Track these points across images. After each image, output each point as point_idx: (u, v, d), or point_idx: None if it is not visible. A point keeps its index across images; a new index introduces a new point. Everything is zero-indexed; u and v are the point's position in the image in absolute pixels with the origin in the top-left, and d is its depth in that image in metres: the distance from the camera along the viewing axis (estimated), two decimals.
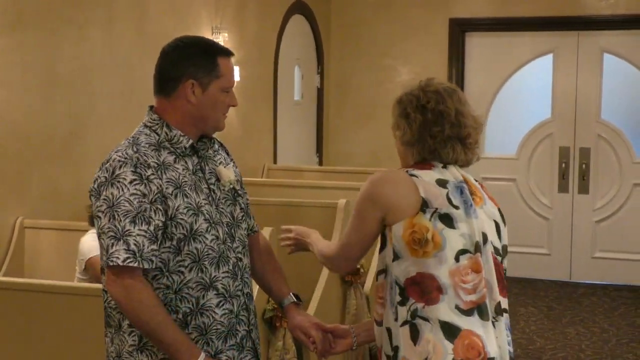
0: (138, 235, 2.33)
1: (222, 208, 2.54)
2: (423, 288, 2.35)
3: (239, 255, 2.57)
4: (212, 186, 2.54)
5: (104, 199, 2.36)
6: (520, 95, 7.94)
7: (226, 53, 2.56)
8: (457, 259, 2.36)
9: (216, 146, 2.65)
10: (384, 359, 2.44)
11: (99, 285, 3.63)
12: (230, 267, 2.52)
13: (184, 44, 2.56)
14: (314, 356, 4.28)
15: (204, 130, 2.55)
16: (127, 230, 2.32)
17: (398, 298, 2.37)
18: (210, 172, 2.56)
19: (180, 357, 2.36)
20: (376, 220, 2.45)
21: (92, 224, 4.03)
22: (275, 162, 7.25)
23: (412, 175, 2.43)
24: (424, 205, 2.38)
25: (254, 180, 6.29)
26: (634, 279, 7.67)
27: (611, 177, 7.78)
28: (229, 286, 2.51)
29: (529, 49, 7.92)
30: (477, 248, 2.41)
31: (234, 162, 2.70)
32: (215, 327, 2.47)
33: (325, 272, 4.59)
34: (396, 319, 2.37)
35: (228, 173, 2.60)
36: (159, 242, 2.38)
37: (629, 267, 7.72)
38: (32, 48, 4.47)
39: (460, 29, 8.02)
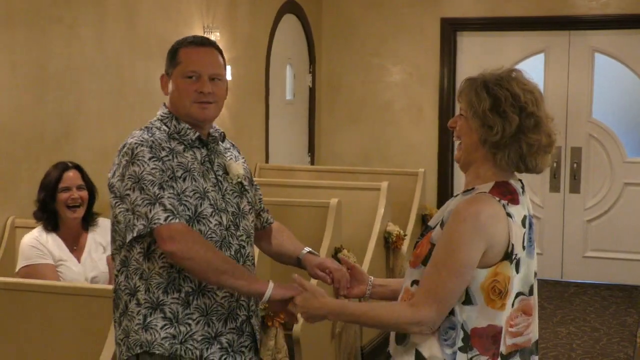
0: (169, 197, 2.46)
1: (228, 198, 2.64)
2: (491, 342, 2.21)
3: (242, 243, 2.66)
4: (219, 177, 2.65)
5: (129, 177, 2.49)
6: None
7: (189, 42, 2.67)
8: (512, 304, 2.25)
9: (228, 144, 2.77)
10: None
11: (91, 285, 3.65)
12: (232, 253, 2.61)
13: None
14: (307, 356, 4.29)
15: (184, 120, 2.64)
16: (159, 195, 2.45)
17: (460, 343, 2.20)
18: (218, 165, 2.67)
19: (253, 279, 2.51)
20: (479, 256, 2.16)
21: (35, 219, 3.97)
22: (267, 161, 7.24)
23: (508, 215, 2.19)
24: (511, 253, 2.19)
25: None
26: (625, 278, 7.69)
27: (602, 176, 7.80)
28: None
29: (520, 48, 7.93)
30: (531, 290, 2.29)
31: (244, 161, 2.80)
32: (216, 309, 2.57)
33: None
34: None
35: (237, 167, 2.70)
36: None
37: (620, 267, 7.73)
38: (21, 47, 4.45)
39: (451, 28, 8.03)
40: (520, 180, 2.32)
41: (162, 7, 5.71)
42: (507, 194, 2.22)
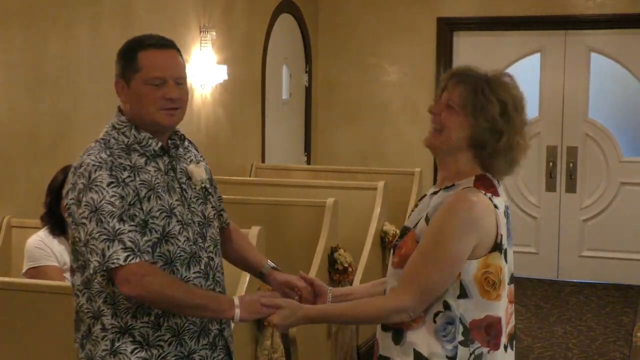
0: (130, 231, 2.32)
1: (193, 207, 2.52)
2: (490, 332, 2.23)
3: (211, 255, 2.55)
4: (183, 185, 2.52)
5: (86, 205, 2.33)
6: None
7: (149, 45, 2.48)
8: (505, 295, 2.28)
9: (186, 143, 2.62)
10: None
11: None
12: (202, 267, 2.50)
13: (121, 47, 2.54)
14: (303, 355, 4.29)
15: (148, 129, 2.48)
16: (118, 229, 2.30)
17: (460, 337, 2.21)
18: (181, 171, 2.53)
19: (220, 308, 2.40)
20: (469, 250, 2.18)
21: (42, 222, 3.93)
22: (263, 161, 7.24)
23: (495, 206, 2.21)
24: (500, 243, 2.22)
25: (242, 179, 6.28)
26: (621, 278, 7.70)
27: (598, 176, 7.80)
28: (201, 286, 2.49)
29: (517, 48, 7.93)
30: (512, 278, 2.33)
31: (204, 160, 2.66)
32: (187, 327, 2.46)
33: (313, 271, 4.57)
34: (451, 357, 2.21)
35: (199, 171, 2.57)
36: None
37: (616, 266, 7.74)
38: (17, 46, 4.44)
39: (448, 28, 8.03)
40: None
41: (158, 6, 5.71)
42: (489, 186, 2.25)
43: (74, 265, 2.48)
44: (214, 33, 6.24)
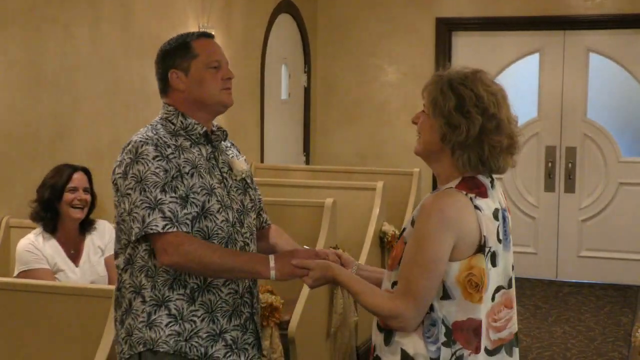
0: (170, 202, 2.46)
1: (232, 195, 2.66)
2: (472, 335, 2.22)
3: (247, 240, 2.67)
4: (224, 174, 2.67)
5: (132, 177, 2.49)
6: None
7: (199, 35, 2.70)
8: (493, 298, 2.25)
9: (228, 143, 2.79)
10: None
11: (86, 285, 3.65)
12: (238, 250, 2.62)
13: (162, 47, 2.72)
14: (302, 355, 4.29)
15: (210, 110, 2.68)
16: (159, 199, 2.45)
17: (443, 338, 2.22)
18: (223, 162, 2.69)
19: (258, 269, 2.49)
20: (448, 250, 2.17)
21: (34, 220, 3.97)
22: (262, 161, 7.24)
23: (476, 207, 2.20)
24: (484, 245, 2.20)
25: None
26: (620, 278, 7.70)
27: (597, 176, 7.81)
28: None
29: (515, 48, 7.94)
30: (510, 282, 2.31)
31: (245, 159, 2.82)
32: (220, 305, 2.58)
33: None
34: (435, 358, 2.22)
35: (241, 164, 2.73)
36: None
37: (614, 266, 7.74)
38: (16, 47, 4.44)
39: (446, 28, 8.03)
40: (490, 175, 2.32)
41: (157, 7, 5.71)
42: (473, 187, 2.24)
43: (116, 247, 2.63)
44: (213, 33, 6.23)
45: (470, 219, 2.19)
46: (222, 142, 2.75)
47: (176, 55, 2.65)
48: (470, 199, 2.21)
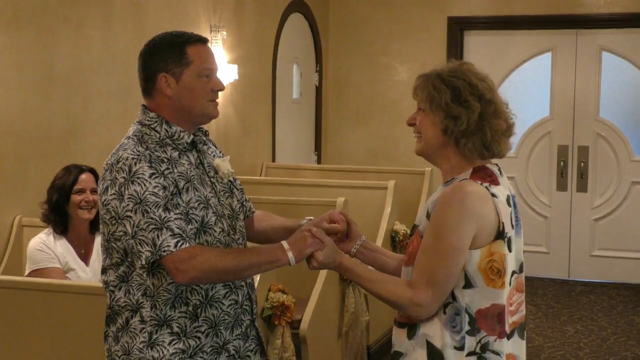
0: (176, 219, 2.37)
1: (222, 201, 2.58)
2: (496, 321, 2.25)
3: (240, 247, 2.61)
4: (212, 179, 2.58)
5: (129, 198, 2.37)
6: (518, 93, 7.91)
7: (195, 40, 2.57)
8: (510, 283, 2.29)
9: (204, 138, 2.67)
10: None
11: (97, 284, 3.65)
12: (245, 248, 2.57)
13: (153, 42, 2.61)
14: (313, 355, 4.29)
15: (195, 121, 2.57)
16: (164, 218, 2.35)
17: (467, 327, 2.24)
18: (208, 166, 2.60)
19: (277, 256, 2.42)
20: (469, 239, 2.21)
21: (44, 221, 3.97)
22: (273, 160, 7.25)
23: (493, 195, 2.24)
24: (503, 231, 2.24)
25: (253, 179, 6.28)
26: (632, 277, 7.67)
27: (609, 175, 7.78)
28: None
29: (528, 47, 7.92)
30: (521, 267, 2.35)
31: (222, 154, 2.72)
32: (223, 318, 2.52)
33: (324, 270, 4.57)
34: (459, 348, 2.24)
35: (226, 165, 2.64)
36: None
37: (627, 265, 7.72)
38: (28, 46, 4.46)
39: (458, 27, 8.02)
40: (497, 164, 2.38)
41: (169, 6, 5.72)
42: (486, 177, 2.28)
43: (105, 263, 2.51)
44: (225, 32, 6.25)
45: (489, 207, 2.23)
46: (204, 143, 2.65)
47: (169, 58, 2.52)
48: (486, 187, 2.25)
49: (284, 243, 2.43)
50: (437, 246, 2.22)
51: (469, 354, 2.25)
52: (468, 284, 2.23)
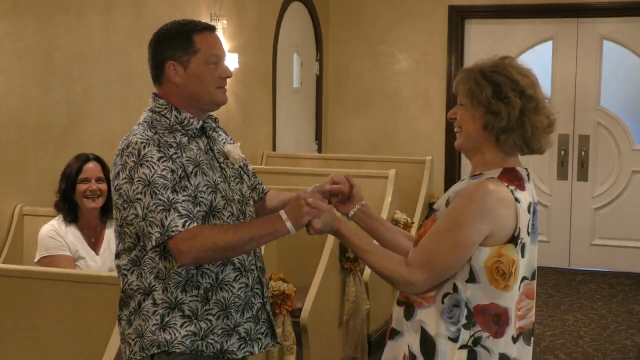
0: (184, 201, 2.40)
1: (232, 186, 2.62)
2: (493, 320, 2.26)
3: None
4: (222, 165, 2.63)
5: (139, 181, 2.42)
6: None
7: (203, 28, 2.60)
8: (519, 288, 2.29)
9: (214, 124, 2.72)
10: (402, 348, 2.34)
11: (99, 273, 3.65)
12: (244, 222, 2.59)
13: (161, 31, 2.65)
14: (314, 343, 4.30)
15: (203, 108, 2.61)
16: (172, 199, 2.39)
17: (464, 320, 2.25)
18: (218, 152, 2.64)
19: (275, 227, 2.45)
20: (480, 238, 2.22)
21: (56, 209, 3.97)
22: (274, 149, 7.24)
23: (516, 200, 2.24)
24: (517, 237, 2.24)
25: (253, 168, 6.26)
26: (633, 266, 7.68)
27: (610, 164, 7.78)
28: (244, 260, 2.60)
29: (528, 35, 7.90)
30: (534, 274, 2.34)
31: (238, 144, 2.76)
32: (233, 301, 2.56)
33: (325, 258, 4.58)
34: (454, 339, 2.26)
35: (236, 151, 2.69)
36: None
37: (627, 254, 7.72)
38: (28, 35, 4.45)
39: (459, 15, 8.00)
40: (526, 169, 2.38)
41: None
42: (514, 180, 2.29)
43: (118, 248, 2.57)
44: (225, 21, 6.23)
45: (509, 210, 2.23)
46: (215, 129, 2.70)
47: (177, 47, 2.57)
48: (512, 191, 2.25)
49: (282, 213, 2.46)
50: (447, 235, 2.23)
51: (462, 347, 2.26)
52: (472, 279, 2.24)
